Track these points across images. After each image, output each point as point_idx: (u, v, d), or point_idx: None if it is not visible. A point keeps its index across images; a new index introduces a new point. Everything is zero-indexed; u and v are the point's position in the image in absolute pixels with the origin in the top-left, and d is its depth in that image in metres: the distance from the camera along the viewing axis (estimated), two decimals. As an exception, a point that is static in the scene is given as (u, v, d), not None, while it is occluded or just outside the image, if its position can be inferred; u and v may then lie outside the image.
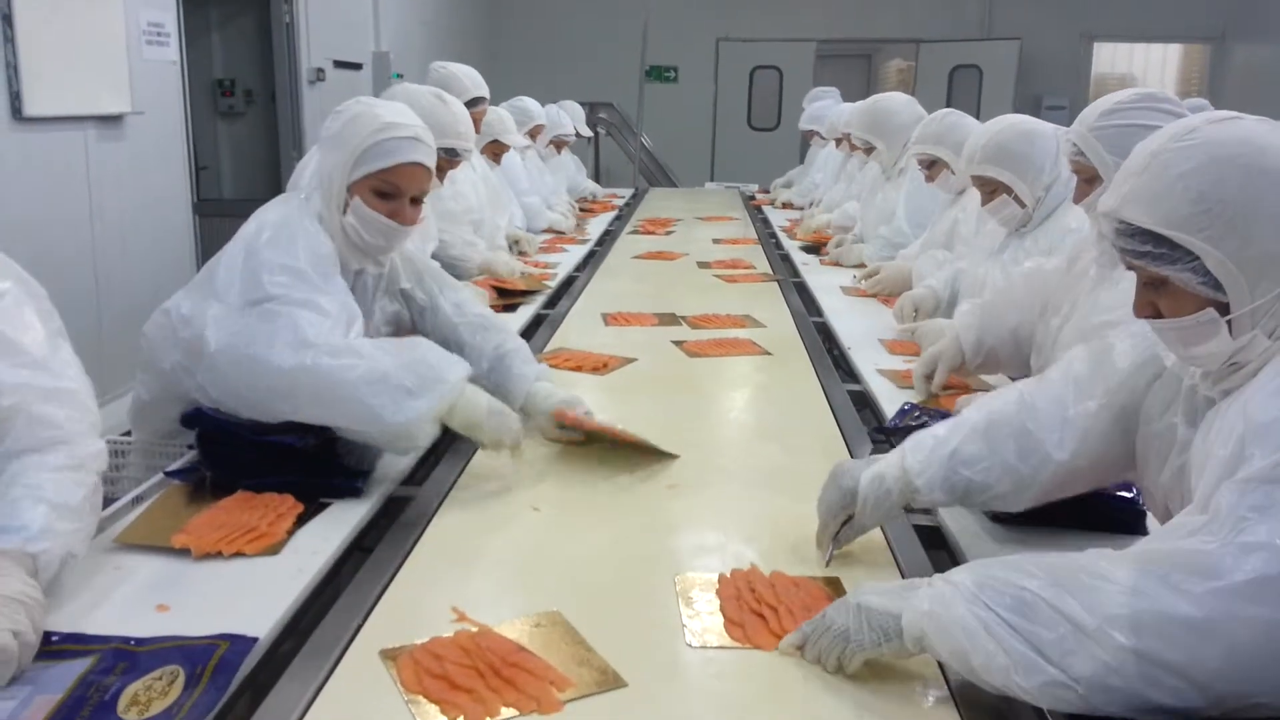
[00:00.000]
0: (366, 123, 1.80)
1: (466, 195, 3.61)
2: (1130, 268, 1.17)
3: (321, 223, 1.83)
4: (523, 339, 2.26)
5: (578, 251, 4.37)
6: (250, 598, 1.33)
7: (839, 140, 5.24)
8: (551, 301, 3.37)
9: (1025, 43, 10.60)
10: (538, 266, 3.87)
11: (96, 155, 4.33)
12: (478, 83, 3.55)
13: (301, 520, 1.55)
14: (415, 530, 1.56)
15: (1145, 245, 1.12)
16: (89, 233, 4.30)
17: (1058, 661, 0.99)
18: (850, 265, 3.93)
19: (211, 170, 7.03)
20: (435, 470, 1.84)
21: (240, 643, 1.19)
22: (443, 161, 2.64)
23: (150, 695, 1.10)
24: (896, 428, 1.98)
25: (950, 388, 2.18)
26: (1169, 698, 0.97)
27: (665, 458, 1.88)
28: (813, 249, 4.39)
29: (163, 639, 1.21)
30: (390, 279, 2.06)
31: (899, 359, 2.55)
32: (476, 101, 3.47)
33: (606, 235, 4.96)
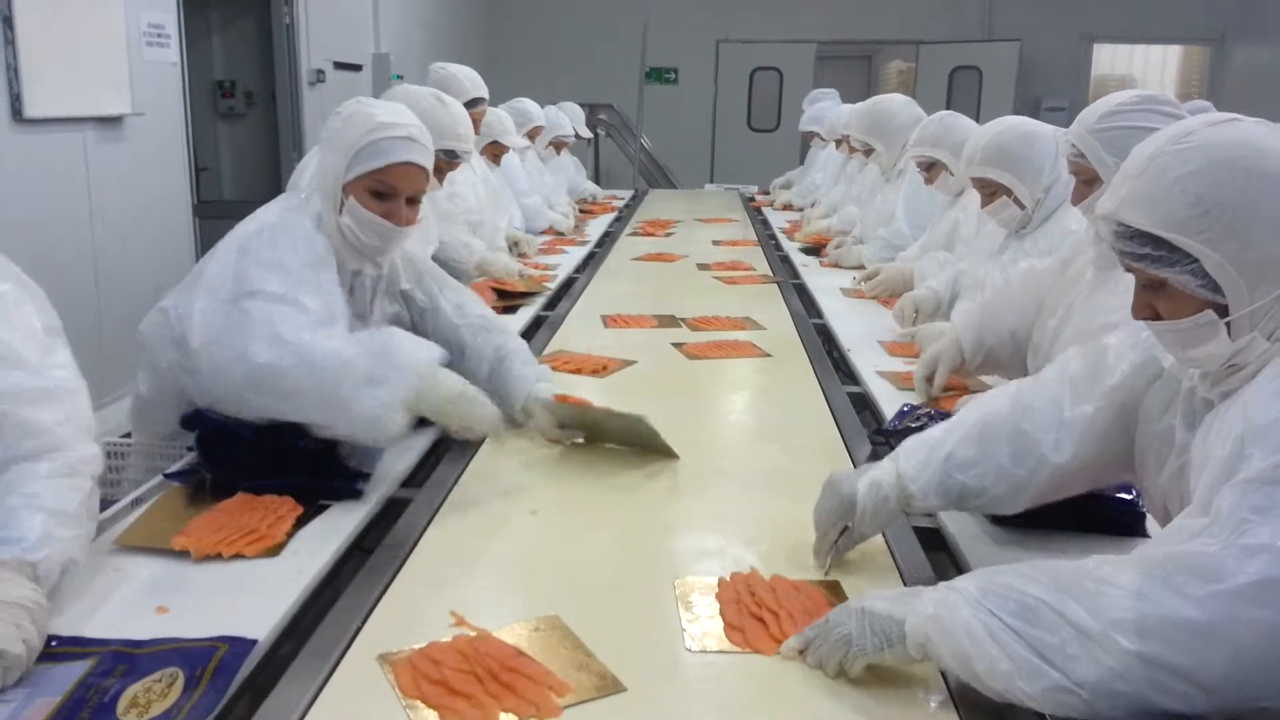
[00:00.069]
0: (361, 122, 1.80)
1: (465, 196, 3.61)
2: (1129, 270, 1.17)
3: (319, 223, 1.83)
4: (523, 340, 2.26)
5: (577, 253, 4.37)
6: (250, 600, 1.33)
7: (839, 141, 5.24)
8: (551, 303, 3.37)
9: (1025, 44, 10.61)
10: (537, 268, 3.86)
11: (97, 157, 4.33)
12: (477, 83, 3.55)
13: (301, 522, 1.55)
14: (414, 532, 1.56)
15: (1144, 248, 1.12)
16: (89, 234, 4.31)
17: (1061, 666, 0.99)
18: (850, 267, 3.92)
19: (212, 172, 7.03)
20: (435, 472, 1.84)
21: (240, 645, 1.19)
22: (442, 163, 2.64)
23: (150, 697, 1.10)
24: (896, 430, 1.98)
25: (951, 389, 2.18)
26: (1174, 702, 0.96)
27: (665, 455, 1.88)
28: (812, 250, 4.38)
29: (162, 641, 1.21)
30: (390, 280, 2.05)
31: (899, 361, 2.55)
32: (476, 102, 3.47)
33: (606, 237, 4.96)
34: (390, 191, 1.83)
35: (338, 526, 1.56)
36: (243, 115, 7.20)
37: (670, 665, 1.21)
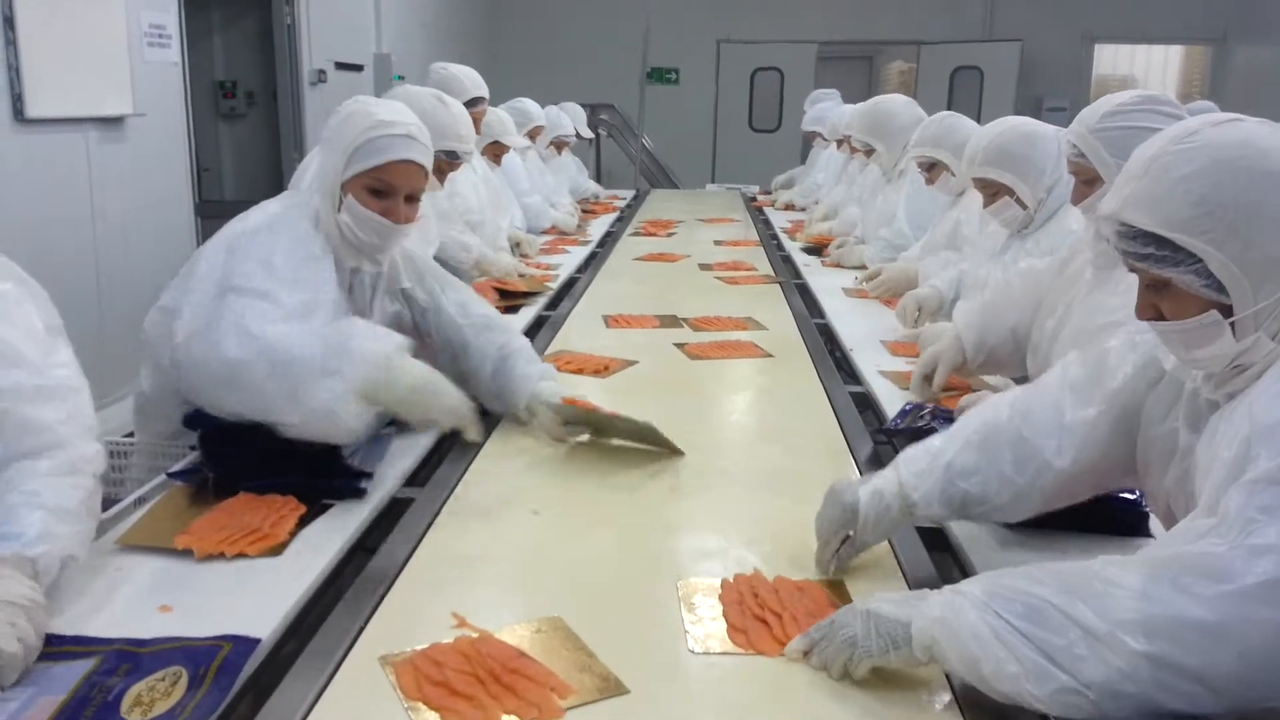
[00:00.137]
0: (360, 120, 1.80)
1: (466, 196, 3.61)
2: (1132, 270, 1.16)
3: (318, 220, 1.83)
4: (526, 338, 2.26)
5: (579, 253, 4.37)
6: (253, 599, 1.33)
7: (840, 142, 5.24)
8: (553, 303, 3.37)
9: (1026, 44, 10.60)
10: (539, 268, 3.86)
11: (98, 157, 4.33)
12: (477, 83, 3.55)
13: (304, 521, 1.55)
14: (417, 532, 1.56)
15: (1148, 248, 1.11)
16: (90, 234, 4.31)
17: (1069, 668, 0.99)
18: (851, 266, 3.92)
19: (213, 172, 7.03)
20: (437, 471, 1.84)
21: (243, 644, 1.19)
22: (443, 164, 2.64)
23: (153, 696, 1.10)
24: (900, 429, 1.98)
25: (951, 388, 2.18)
26: (1181, 703, 0.96)
27: (670, 453, 1.88)
28: (814, 250, 4.38)
29: (166, 640, 1.21)
30: (390, 278, 2.05)
31: (901, 360, 2.55)
32: (476, 102, 3.47)
33: (608, 237, 4.96)
34: (388, 189, 1.83)
35: (340, 526, 1.56)
36: (244, 115, 7.20)
37: (673, 667, 1.21)
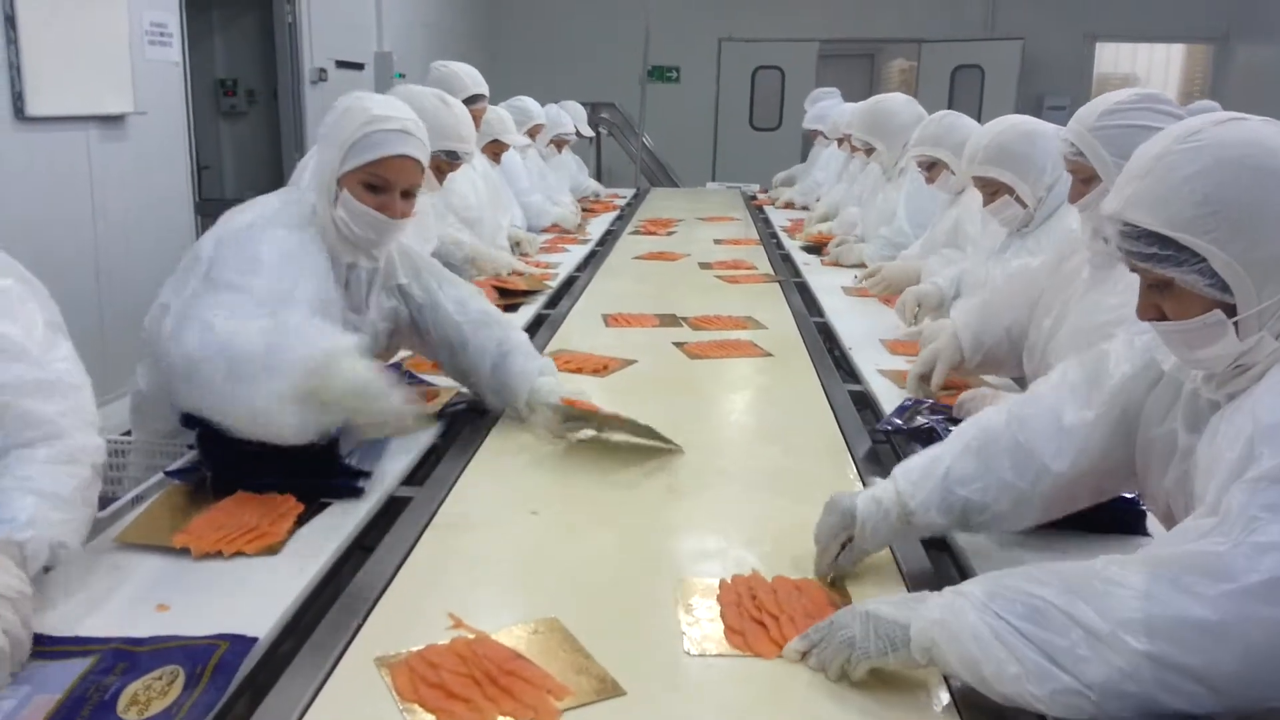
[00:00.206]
0: (356, 115, 1.80)
1: (464, 194, 3.60)
2: (1134, 270, 1.16)
3: (314, 216, 1.83)
4: (525, 333, 2.26)
5: (579, 251, 4.36)
6: (250, 598, 1.32)
7: (840, 140, 5.23)
8: (552, 302, 3.36)
9: (1028, 43, 10.59)
10: (539, 266, 3.86)
11: (99, 155, 4.33)
12: (477, 80, 3.54)
13: (302, 520, 1.55)
14: (415, 531, 1.56)
15: (1151, 247, 1.11)
16: (91, 232, 4.31)
17: (1071, 669, 0.98)
18: (851, 265, 3.92)
19: (214, 170, 7.04)
20: (436, 470, 1.83)
21: (240, 643, 1.19)
22: (444, 163, 2.64)
23: (150, 695, 1.10)
24: (900, 429, 1.98)
25: (950, 387, 2.18)
26: (1183, 702, 0.96)
27: (670, 451, 1.87)
28: (814, 249, 4.38)
29: (163, 639, 1.20)
30: (386, 274, 2.04)
31: (900, 359, 2.54)
32: (475, 99, 3.46)
33: (608, 235, 4.95)
34: (384, 184, 1.82)
35: (338, 525, 1.56)
36: (245, 114, 7.21)
37: (670, 668, 1.20)
